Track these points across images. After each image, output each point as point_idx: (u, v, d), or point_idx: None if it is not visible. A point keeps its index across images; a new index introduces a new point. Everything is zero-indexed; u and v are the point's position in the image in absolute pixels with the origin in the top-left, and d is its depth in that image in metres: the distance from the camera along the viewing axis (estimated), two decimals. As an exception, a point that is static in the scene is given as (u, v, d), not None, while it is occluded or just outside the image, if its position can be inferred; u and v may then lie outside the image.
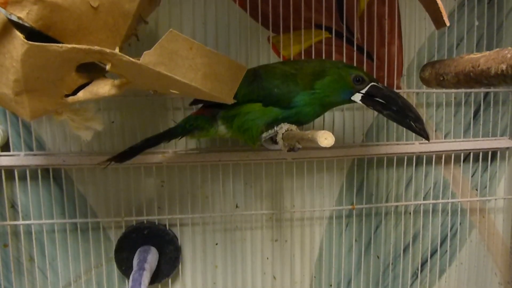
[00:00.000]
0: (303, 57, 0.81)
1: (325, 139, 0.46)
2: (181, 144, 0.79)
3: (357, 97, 0.60)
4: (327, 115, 0.81)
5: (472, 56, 0.49)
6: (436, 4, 0.51)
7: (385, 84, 0.82)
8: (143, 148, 0.67)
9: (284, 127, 0.59)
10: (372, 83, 0.59)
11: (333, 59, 0.80)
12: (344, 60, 0.80)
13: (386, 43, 0.82)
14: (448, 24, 0.53)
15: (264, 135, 0.62)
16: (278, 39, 0.81)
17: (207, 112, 0.64)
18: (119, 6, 0.48)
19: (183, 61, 0.44)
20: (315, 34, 0.81)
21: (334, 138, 0.46)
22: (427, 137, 0.59)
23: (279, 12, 0.78)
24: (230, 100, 0.50)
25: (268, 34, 0.81)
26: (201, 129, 0.66)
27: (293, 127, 0.59)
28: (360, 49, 0.82)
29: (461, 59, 0.51)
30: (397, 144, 0.82)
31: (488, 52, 0.46)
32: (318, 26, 0.81)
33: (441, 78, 0.53)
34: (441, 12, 0.51)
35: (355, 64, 0.81)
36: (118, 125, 0.78)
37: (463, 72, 0.49)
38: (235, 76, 0.49)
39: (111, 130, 0.76)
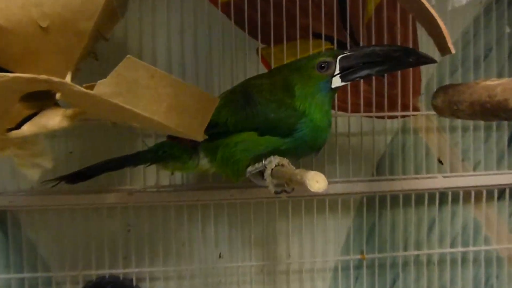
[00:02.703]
0: None
1: (316, 182, 0.47)
2: (151, 179, 0.82)
3: (336, 82, 0.63)
4: (328, 143, 0.80)
5: (488, 83, 0.50)
6: (439, 28, 0.54)
7: (400, 104, 0.85)
8: (103, 170, 0.69)
9: (273, 160, 0.61)
10: (340, 56, 0.63)
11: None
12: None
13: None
14: (453, 51, 0.56)
15: (250, 169, 0.65)
16: (268, 51, 0.84)
17: (187, 140, 0.66)
18: (73, 25, 0.52)
19: (144, 92, 0.48)
20: (314, 44, 0.83)
21: (326, 182, 0.47)
22: (433, 60, 0.61)
23: (269, 19, 0.81)
24: (199, 137, 0.54)
25: (257, 46, 0.84)
26: (176, 160, 0.68)
27: (285, 161, 0.61)
28: None
29: (476, 86, 0.52)
30: (416, 179, 0.82)
31: (506, 79, 0.48)
32: (317, 35, 0.84)
33: (455, 108, 0.55)
34: (445, 38, 0.54)
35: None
36: (77, 156, 0.80)
37: (479, 102, 0.50)
38: (206, 109, 0.52)
39: (68, 163, 0.77)
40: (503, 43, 0.86)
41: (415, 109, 0.87)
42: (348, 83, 0.64)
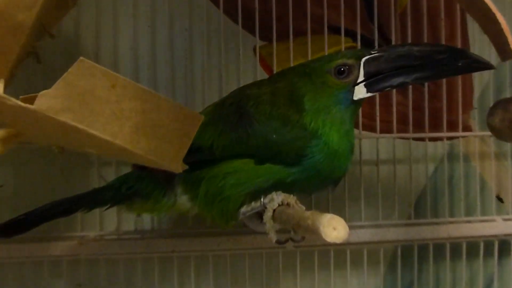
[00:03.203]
0: None
1: (334, 229, 0.46)
2: (110, 223, 0.82)
3: (360, 92, 0.64)
4: (350, 174, 0.82)
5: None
6: (498, 24, 0.55)
7: (446, 122, 0.85)
8: (48, 217, 0.70)
9: (276, 198, 0.62)
10: (365, 58, 0.63)
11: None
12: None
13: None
14: None
15: (244, 210, 0.65)
16: (269, 50, 0.84)
17: (160, 170, 0.63)
18: (8, 17, 0.53)
19: (102, 107, 0.48)
20: (331, 42, 0.84)
21: (347, 229, 0.47)
22: (489, 65, 0.61)
23: (271, 8, 0.83)
24: (177, 167, 0.54)
25: (255, 43, 0.84)
26: (146, 199, 0.69)
27: (291, 199, 0.62)
28: None
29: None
30: (468, 222, 0.83)
31: None
32: (335, 30, 0.85)
33: (518, 128, 0.56)
34: (505, 37, 0.55)
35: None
36: (9, 191, 0.80)
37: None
38: (186, 129, 0.52)
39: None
40: None
41: (466, 128, 0.87)
42: (376, 94, 0.65)
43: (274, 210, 0.61)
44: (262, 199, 0.63)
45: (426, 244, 0.86)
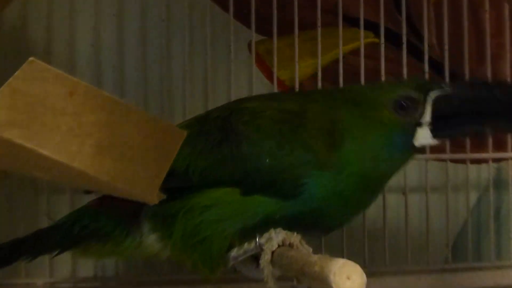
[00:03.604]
0: (319, 85, 0.84)
1: (347, 278, 0.46)
2: (64, 268, 0.82)
3: (423, 136, 0.63)
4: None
5: None
6: None
7: (492, 141, 0.85)
8: None
9: (275, 238, 0.61)
10: (435, 94, 0.63)
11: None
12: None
13: (488, 57, 0.85)
14: None
15: (236, 253, 0.65)
16: (268, 46, 0.86)
17: (121, 203, 0.65)
18: None
19: (57, 120, 0.47)
20: (347, 36, 0.85)
21: (364, 277, 0.46)
22: None
23: (270, -5, 0.84)
24: (151, 198, 0.54)
25: (250, 38, 0.86)
26: (104, 240, 0.69)
27: (294, 238, 0.62)
28: (436, 67, 0.85)
29: None
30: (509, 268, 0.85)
31: None
32: (353, 22, 0.86)
33: None
34: None
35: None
36: None
37: None
38: (163, 149, 0.53)
39: None
40: None
41: None
42: (436, 143, 0.64)
43: (273, 252, 0.61)
44: (257, 239, 0.62)
45: (468, 296, 0.86)
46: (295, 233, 0.62)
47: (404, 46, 0.85)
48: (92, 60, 0.84)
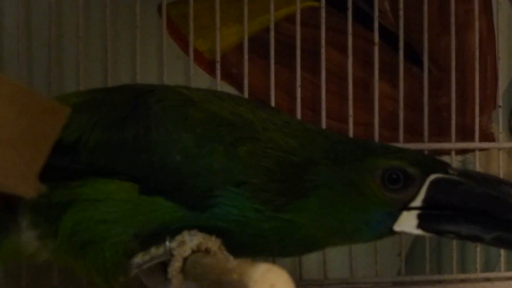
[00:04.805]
0: (246, 57, 0.79)
1: (271, 287, 0.42)
2: None
3: (406, 223, 0.60)
4: None
5: None
6: None
7: (454, 126, 0.80)
8: None
9: (189, 241, 0.57)
10: (434, 175, 0.60)
11: (324, 56, 0.79)
12: (350, 65, 0.79)
13: (453, 25, 0.83)
14: None
15: (140, 260, 0.60)
16: (183, 10, 0.81)
17: None
18: None
19: None
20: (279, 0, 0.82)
21: (292, 286, 0.41)
22: None
23: None
24: (26, 190, 0.49)
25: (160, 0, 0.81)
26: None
27: (213, 242, 0.57)
28: (388, 38, 0.82)
29: None
30: (487, 280, 0.81)
31: None
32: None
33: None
34: None
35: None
36: None
37: None
38: (41, 131, 0.48)
39: None
40: None
41: (486, 137, 0.86)
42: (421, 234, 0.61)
43: (185, 259, 0.57)
44: (167, 242, 0.58)
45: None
46: (214, 237, 0.58)
47: (350, 11, 0.81)
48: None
